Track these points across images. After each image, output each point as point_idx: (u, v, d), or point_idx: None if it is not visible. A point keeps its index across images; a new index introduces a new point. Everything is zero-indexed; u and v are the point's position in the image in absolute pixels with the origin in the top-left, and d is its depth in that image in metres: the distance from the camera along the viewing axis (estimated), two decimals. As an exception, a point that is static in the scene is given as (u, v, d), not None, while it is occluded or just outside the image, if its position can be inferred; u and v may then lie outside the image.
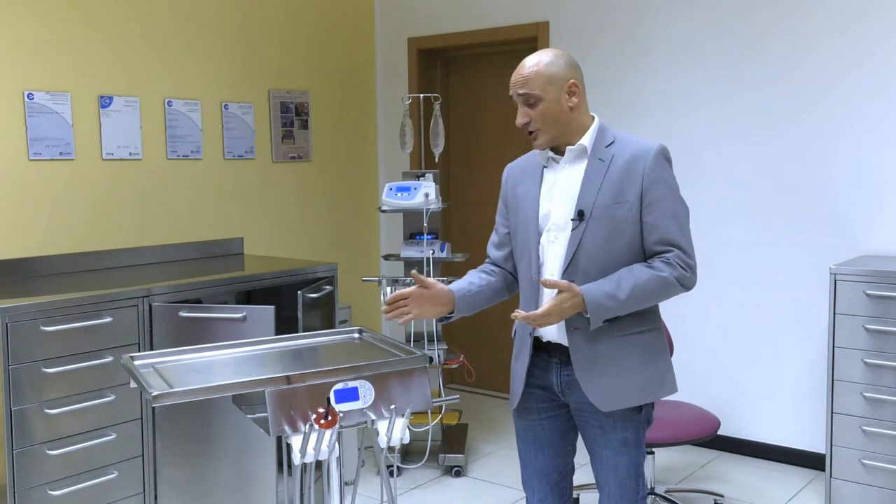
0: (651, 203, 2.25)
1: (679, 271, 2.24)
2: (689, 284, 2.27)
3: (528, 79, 2.29)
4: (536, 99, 2.28)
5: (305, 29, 5.12)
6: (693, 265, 2.27)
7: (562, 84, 2.30)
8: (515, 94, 2.31)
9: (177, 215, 4.45)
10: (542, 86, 2.28)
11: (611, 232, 2.25)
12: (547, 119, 2.29)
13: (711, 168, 4.42)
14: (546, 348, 2.38)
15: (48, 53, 3.90)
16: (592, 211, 2.25)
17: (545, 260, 2.34)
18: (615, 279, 2.22)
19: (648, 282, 2.22)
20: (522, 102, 2.30)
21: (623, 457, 2.35)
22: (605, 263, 2.26)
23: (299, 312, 3.62)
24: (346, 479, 3.94)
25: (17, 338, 3.02)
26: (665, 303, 4.09)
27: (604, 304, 2.20)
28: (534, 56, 2.34)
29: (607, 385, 2.29)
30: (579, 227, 2.26)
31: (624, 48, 4.63)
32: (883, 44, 3.91)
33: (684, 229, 2.28)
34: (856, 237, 4.04)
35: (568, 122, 2.32)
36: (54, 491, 3.15)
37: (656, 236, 2.25)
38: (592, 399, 2.29)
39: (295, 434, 2.15)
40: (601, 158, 2.29)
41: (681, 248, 2.25)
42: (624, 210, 2.24)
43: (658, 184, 2.25)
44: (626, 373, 2.30)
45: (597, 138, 2.32)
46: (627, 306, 2.23)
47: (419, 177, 4.29)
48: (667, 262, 2.24)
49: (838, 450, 3.68)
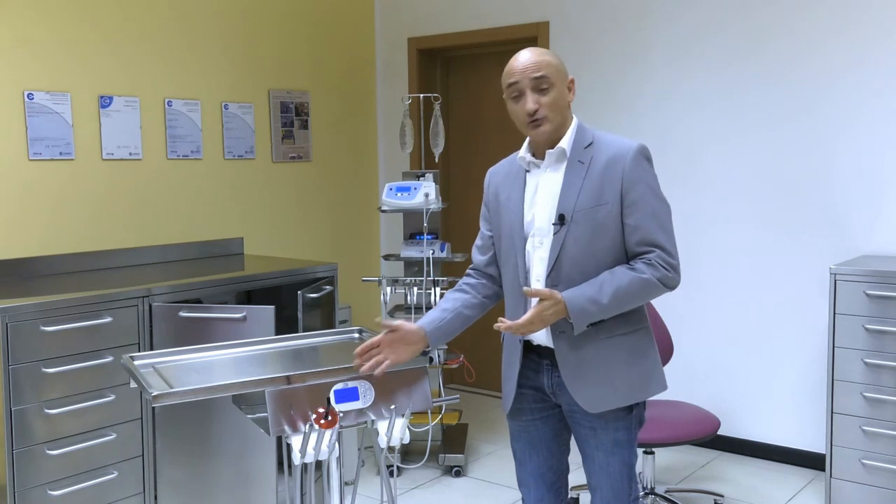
0: (631, 204, 2.23)
1: (661, 272, 2.22)
2: (672, 284, 2.26)
3: (542, 64, 2.24)
4: (550, 85, 2.25)
5: (305, 29, 5.12)
6: (675, 265, 2.25)
7: (566, 78, 2.30)
8: (527, 80, 2.24)
9: (177, 215, 4.45)
10: (554, 73, 2.26)
11: (592, 235, 2.24)
12: (555, 108, 2.26)
13: (711, 168, 4.42)
14: (536, 350, 2.38)
15: (48, 53, 3.90)
16: (573, 214, 2.24)
17: (531, 266, 2.32)
18: (597, 283, 2.21)
19: (630, 284, 2.21)
20: (534, 88, 2.24)
21: (615, 458, 2.35)
22: (589, 266, 2.25)
23: (299, 312, 3.62)
24: (346, 479, 3.94)
25: (17, 338, 3.02)
26: (665, 303, 4.10)
27: (586, 309, 2.19)
28: (534, 48, 2.31)
29: (594, 387, 2.28)
30: (561, 231, 2.25)
31: (624, 48, 4.63)
32: (882, 44, 3.91)
33: (666, 228, 2.26)
34: (856, 237, 4.04)
35: (566, 116, 2.31)
36: (54, 491, 3.15)
37: (637, 237, 2.24)
38: (580, 402, 2.29)
39: (295, 434, 2.15)
40: (581, 160, 2.28)
41: (662, 248, 2.24)
42: (604, 212, 2.23)
43: (638, 184, 2.24)
44: (614, 374, 2.29)
45: (576, 139, 2.30)
46: (610, 310, 2.22)
47: (419, 177, 4.29)
48: (648, 263, 2.23)
49: (838, 450, 3.68)
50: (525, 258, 2.33)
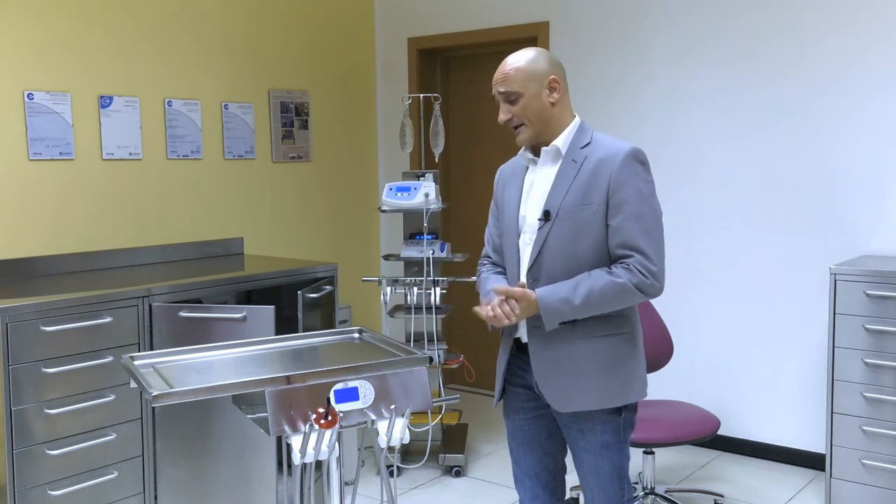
0: (616, 206, 2.23)
1: (638, 277, 2.19)
2: (650, 291, 2.22)
3: (508, 76, 2.31)
4: (517, 95, 2.30)
5: (305, 29, 5.12)
6: (655, 271, 2.21)
7: (542, 80, 2.30)
8: (497, 93, 2.34)
9: (177, 215, 4.45)
10: (522, 82, 2.29)
11: (575, 233, 2.25)
12: (529, 115, 2.31)
13: (711, 167, 4.42)
14: (525, 349, 2.39)
15: (48, 53, 3.90)
16: (558, 212, 2.26)
17: (522, 261, 2.36)
18: (573, 284, 2.22)
19: (605, 288, 2.20)
20: (504, 100, 2.33)
21: (604, 460, 2.34)
22: (570, 264, 2.25)
23: (299, 312, 3.62)
24: (346, 479, 3.94)
25: (17, 338, 3.02)
26: (665, 303, 4.10)
27: (558, 308, 2.21)
28: (515, 54, 2.36)
29: (564, 386, 2.29)
30: (544, 227, 2.27)
31: (624, 48, 4.63)
32: (881, 43, 3.91)
33: (650, 233, 2.23)
34: (856, 237, 4.04)
35: (549, 117, 2.32)
36: (54, 491, 3.15)
37: (618, 240, 2.23)
38: (548, 398, 2.30)
39: (295, 434, 2.15)
40: (574, 160, 2.29)
41: (642, 253, 2.21)
42: (589, 212, 2.24)
43: (624, 187, 2.23)
44: (586, 376, 2.28)
45: (573, 139, 2.32)
46: (582, 311, 2.22)
47: (419, 177, 4.29)
48: (626, 268, 2.21)
49: (838, 450, 3.68)
50: (518, 253, 2.36)
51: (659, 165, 4.57)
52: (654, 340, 3.64)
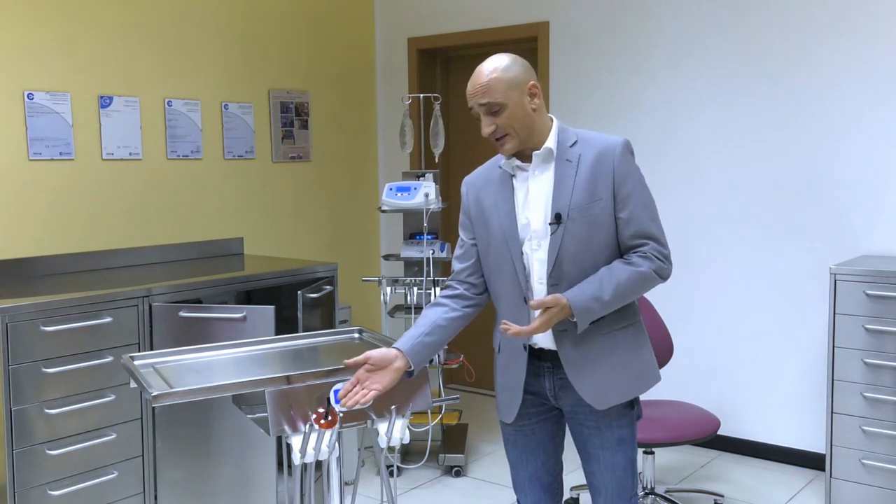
0: (624, 198, 2.25)
1: (657, 263, 2.26)
2: (666, 275, 2.31)
3: (488, 87, 2.21)
4: (500, 106, 2.22)
5: (305, 29, 5.12)
6: (668, 254, 2.30)
7: (523, 87, 2.24)
8: (476, 105, 2.24)
9: (177, 215, 4.45)
10: (504, 92, 2.21)
11: (589, 231, 2.25)
12: (515, 124, 2.24)
13: (712, 168, 4.42)
14: (537, 354, 2.37)
15: (48, 53, 3.90)
16: (570, 212, 2.25)
17: (531, 269, 2.31)
18: (597, 280, 2.22)
19: (629, 279, 2.24)
20: (486, 112, 2.23)
21: (619, 455, 2.36)
22: (587, 263, 2.26)
23: (299, 312, 3.62)
24: (346, 479, 3.94)
25: (17, 338, 3.02)
26: (665, 303, 4.09)
27: (590, 307, 2.21)
28: (488, 63, 2.26)
29: (600, 383, 2.30)
30: (558, 230, 2.26)
31: (625, 49, 4.63)
32: (881, 46, 3.91)
33: (656, 220, 2.31)
34: (856, 237, 4.04)
35: (532, 124, 2.28)
36: (54, 491, 3.15)
37: (632, 230, 2.26)
38: (588, 399, 2.29)
39: (295, 434, 2.15)
40: (568, 159, 2.28)
41: (656, 240, 2.28)
42: (599, 208, 2.25)
43: (629, 178, 2.27)
44: (617, 369, 2.31)
45: (560, 139, 2.31)
46: (612, 305, 2.24)
47: (419, 177, 4.29)
48: (644, 256, 2.26)
49: (838, 450, 3.68)
50: (524, 262, 2.33)
51: (659, 166, 4.58)
52: (655, 340, 3.64)
